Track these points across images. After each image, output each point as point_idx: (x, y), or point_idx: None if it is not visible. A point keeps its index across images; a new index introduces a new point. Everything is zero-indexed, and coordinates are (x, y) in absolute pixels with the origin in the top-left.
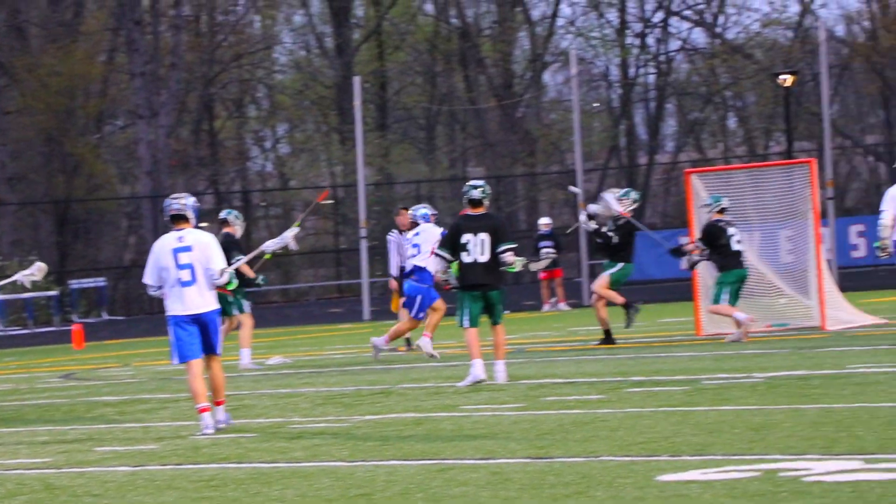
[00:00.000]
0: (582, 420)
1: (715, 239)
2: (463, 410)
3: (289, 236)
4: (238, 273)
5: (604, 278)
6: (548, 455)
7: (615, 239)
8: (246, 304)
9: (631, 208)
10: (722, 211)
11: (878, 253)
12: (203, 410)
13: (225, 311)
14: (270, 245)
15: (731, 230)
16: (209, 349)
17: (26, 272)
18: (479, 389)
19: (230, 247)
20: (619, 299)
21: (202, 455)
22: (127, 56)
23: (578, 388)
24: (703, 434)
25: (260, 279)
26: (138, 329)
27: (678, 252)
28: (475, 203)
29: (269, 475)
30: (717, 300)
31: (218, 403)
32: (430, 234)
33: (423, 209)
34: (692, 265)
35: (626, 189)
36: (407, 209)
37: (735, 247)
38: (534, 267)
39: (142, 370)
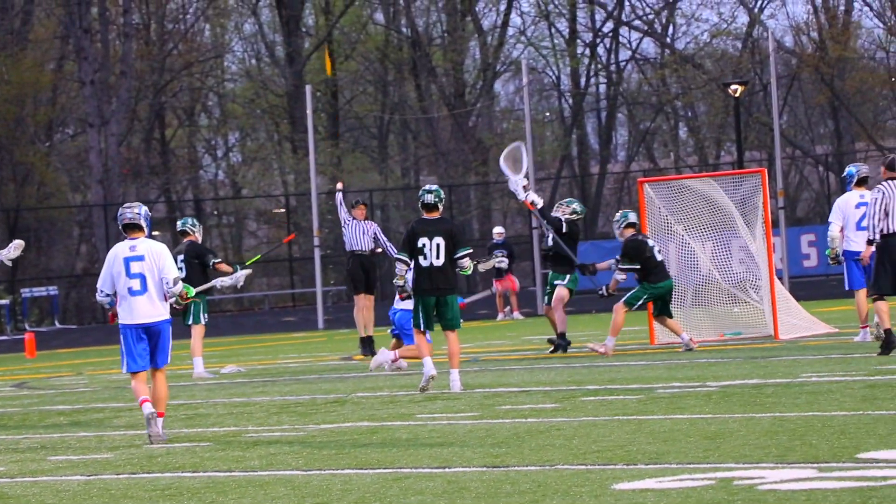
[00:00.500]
0: (537, 429)
1: (639, 253)
2: (418, 419)
3: (241, 275)
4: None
5: (562, 290)
6: (503, 464)
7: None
8: (203, 315)
9: (568, 217)
10: (632, 226)
11: (829, 262)
12: (144, 402)
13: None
14: (222, 281)
15: (650, 242)
16: (155, 360)
17: (4, 250)
18: (434, 398)
19: (205, 252)
20: (561, 327)
21: (157, 464)
22: (76, 64)
23: (533, 396)
24: (657, 443)
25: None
26: (91, 338)
27: (586, 269)
28: (429, 207)
29: (224, 484)
30: (629, 302)
31: (158, 416)
32: None
33: None
34: (608, 292)
35: (574, 199)
36: (365, 204)
37: (658, 258)
38: (482, 267)
39: (95, 379)
